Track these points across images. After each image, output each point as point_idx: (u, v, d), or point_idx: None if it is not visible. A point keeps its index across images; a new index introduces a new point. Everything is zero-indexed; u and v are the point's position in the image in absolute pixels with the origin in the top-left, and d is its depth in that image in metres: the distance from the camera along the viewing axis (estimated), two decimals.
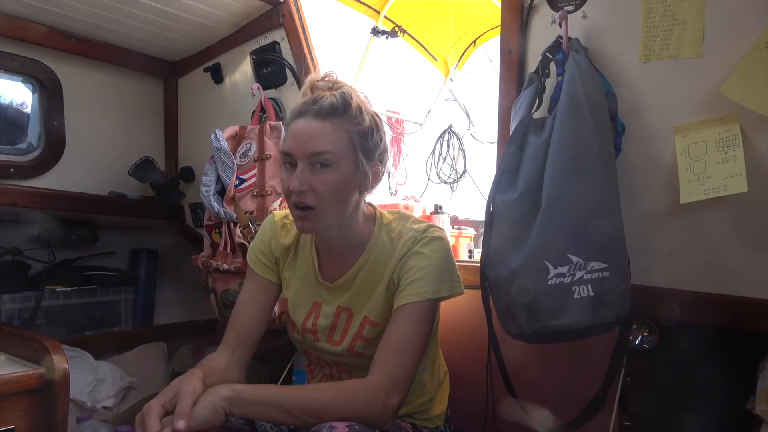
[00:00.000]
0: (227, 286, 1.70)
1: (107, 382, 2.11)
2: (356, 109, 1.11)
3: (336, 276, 1.21)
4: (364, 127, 1.11)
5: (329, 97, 1.09)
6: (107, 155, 2.21)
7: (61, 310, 2.26)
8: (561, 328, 1.09)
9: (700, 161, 1.13)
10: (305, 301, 1.24)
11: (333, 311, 1.21)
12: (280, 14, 1.80)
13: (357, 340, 1.19)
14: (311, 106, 1.09)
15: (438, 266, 1.13)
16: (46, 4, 1.77)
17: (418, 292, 1.10)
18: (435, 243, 1.15)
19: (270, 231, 1.27)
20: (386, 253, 1.17)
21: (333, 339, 1.21)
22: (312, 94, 1.13)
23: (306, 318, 1.23)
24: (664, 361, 1.36)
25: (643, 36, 1.19)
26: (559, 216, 1.10)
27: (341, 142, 1.08)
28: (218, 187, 1.75)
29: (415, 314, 1.10)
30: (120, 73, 2.19)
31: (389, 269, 1.16)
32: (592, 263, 1.08)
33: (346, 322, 1.20)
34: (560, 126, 1.15)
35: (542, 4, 1.32)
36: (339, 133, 1.08)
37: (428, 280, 1.11)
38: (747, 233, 1.13)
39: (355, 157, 1.10)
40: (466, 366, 1.43)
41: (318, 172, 1.07)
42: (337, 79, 1.15)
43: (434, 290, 1.11)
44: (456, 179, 4.27)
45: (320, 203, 1.08)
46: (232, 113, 2.06)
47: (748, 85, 1.05)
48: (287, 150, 1.09)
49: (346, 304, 1.20)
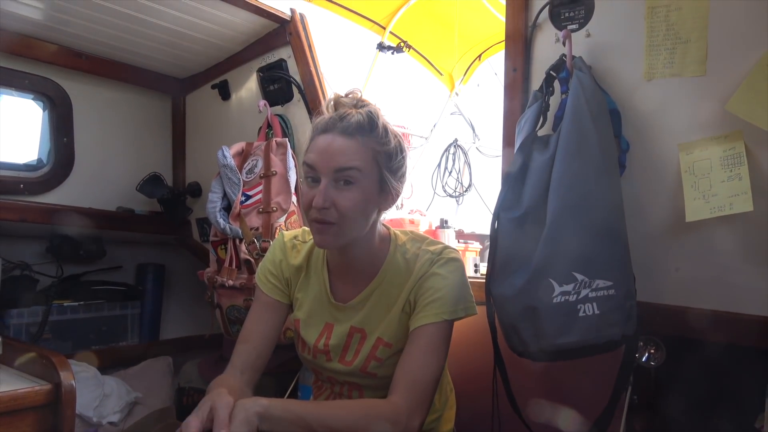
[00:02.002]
0: (232, 301, 1.70)
1: (113, 398, 2.11)
2: (382, 128, 1.10)
3: (349, 296, 1.21)
4: (390, 147, 1.11)
5: (356, 114, 1.08)
6: (115, 171, 2.23)
7: (68, 325, 2.27)
8: (566, 346, 1.08)
9: (705, 179, 1.13)
10: (317, 321, 1.23)
11: (346, 332, 1.20)
12: (287, 32, 1.83)
13: (370, 361, 1.18)
14: (338, 123, 1.08)
15: (455, 287, 1.13)
16: (57, 24, 1.80)
17: (436, 313, 1.11)
18: (452, 264, 1.15)
19: (280, 252, 1.27)
20: (401, 275, 1.17)
21: (345, 359, 1.21)
22: (336, 110, 1.12)
23: (318, 339, 1.22)
24: (671, 379, 1.35)
25: (646, 54, 1.20)
26: (564, 234, 1.10)
27: (367, 160, 1.08)
28: (224, 204, 1.77)
29: (434, 335, 1.10)
30: (129, 90, 2.22)
31: (405, 291, 1.16)
32: (597, 281, 1.08)
33: (359, 343, 1.20)
34: (564, 144, 1.15)
35: (546, 23, 1.34)
36: (365, 151, 1.08)
37: (446, 300, 1.12)
38: (753, 250, 1.13)
39: (378, 175, 1.10)
40: (471, 383, 1.42)
41: (341, 189, 1.07)
42: (361, 97, 1.15)
43: (451, 311, 1.12)
44: (461, 192, 4.28)
45: (342, 220, 1.07)
46: (238, 129, 2.08)
47: (753, 102, 1.06)
48: (311, 163, 1.08)
49: (359, 325, 1.19)
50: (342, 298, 1.22)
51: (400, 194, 1.17)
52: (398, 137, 1.15)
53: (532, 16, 1.35)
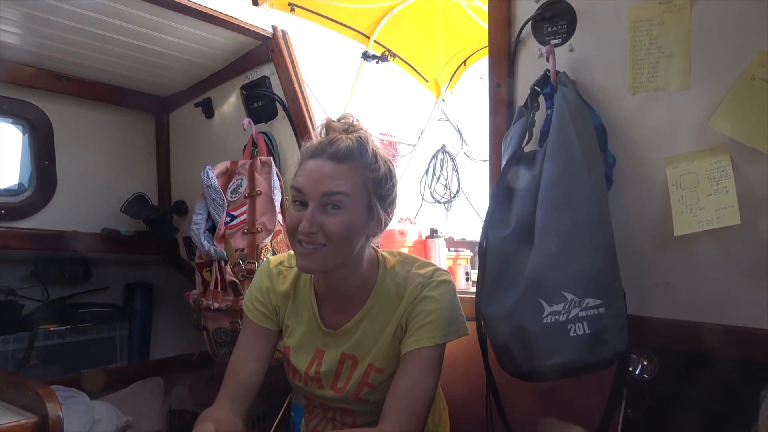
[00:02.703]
0: (219, 324, 1.68)
1: (103, 423, 2.08)
2: (372, 154, 1.10)
3: (339, 323, 1.19)
4: (379, 173, 1.11)
5: (346, 140, 1.08)
6: (99, 192, 2.20)
7: (56, 350, 2.23)
8: (558, 366, 1.08)
9: (692, 192, 1.13)
10: (308, 349, 1.22)
11: (337, 358, 1.19)
12: (269, 49, 1.81)
13: (362, 387, 1.17)
14: (327, 147, 1.08)
15: (447, 310, 1.13)
16: (35, 48, 1.78)
17: (428, 337, 1.11)
18: (443, 287, 1.15)
19: (267, 280, 1.25)
20: (392, 299, 1.16)
21: (337, 386, 1.19)
22: (327, 134, 1.12)
23: (309, 366, 1.21)
24: (665, 392, 1.34)
25: (630, 68, 1.20)
26: (552, 252, 1.10)
27: (355, 186, 1.07)
28: (209, 225, 1.75)
29: (426, 359, 1.10)
30: (111, 110, 2.19)
31: (396, 316, 1.15)
32: (587, 300, 1.07)
33: (350, 369, 1.18)
34: (550, 161, 1.15)
35: (529, 38, 1.33)
36: (354, 176, 1.07)
37: (438, 324, 1.11)
38: (742, 262, 1.12)
39: (367, 202, 1.10)
40: (464, 401, 1.41)
41: (329, 213, 1.06)
42: (353, 122, 1.14)
43: (443, 335, 1.12)
44: (450, 199, 4.26)
45: (328, 244, 1.06)
46: (223, 147, 2.06)
47: (737, 118, 1.06)
48: (299, 187, 1.08)
49: (350, 351, 1.18)
50: (332, 325, 1.20)
51: (388, 222, 1.16)
52: (388, 164, 1.14)
53: (515, 31, 1.34)
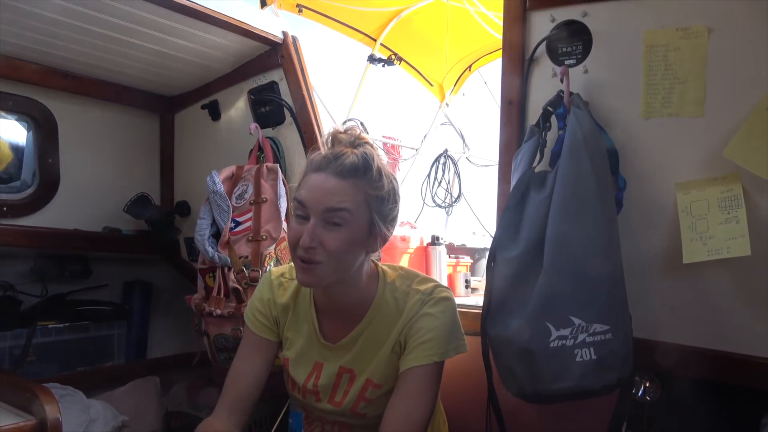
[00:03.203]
0: (220, 330, 1.67)
1: (99, 422, 2.07)
2: (377, 172, 1.09)
3: (338, 336, 1.19)
4: (383, 192, 1.10)
5: (351, 156, 1.07)
6: (102, 190, 2.19)
7: (53, 347, 2.22)
8: (562, 391, 1.08)
9: (702, 220, 1.13)
10: (307, 361, 1.22)
11: (335, 372, 1.19)
12: (278, 55, 1.80)
13: (360, 402, 1.17)
14: (332, 162, 1.07)
15: (446, 327, 1.13)
16: (42, 46, 1.76)
17: (426, 355, 1.10)
18: (443, 304, 1.14)
19: (268, 291, 1.25)
20: (391, 315, 1.16)
21: (334, 399, 1.19)
22: (332, 146, 1.11)
23: (307, 379, 1.21)
24: (666, 415, 1.35)
25: (644, 93, 1.20)
26: (562, 277, 1.09)
27: (358, 203, 1.06)
28: (213, 230, 1.74)
29: (424, 378, 1.10)
30: (115, 109, 2.17)
31: (395, 332, 1.15)
32: (594, 325, 1.07)
33: (348, 383, 1.18)
34: (561, 184, 1.14)
35: (543, 57, 1.32)
36: (357, 193, 1.07)
37: (437, 342, 1.11)
38: (748, 291, 1.13)
39: (369, 219, 1.09)
40: (465, 417, 1.41)
41: (330, 229, 1.05)
42: (360, 134, 1.13)
43: (442, 352, 1.12)
44: (451, 203, 4.26)
45: (327, 260, 1.05)
46: (228, 151, 2.05)
47: (751, 149, 1.05)
48: (302, 200, 1.07)
49: (348, 365, 1.18)
50: (331, 338, 1.20)
51: (388, 238, 1.15)
52: (393, 181, 1.13)
53: (529, 49, 1.33)
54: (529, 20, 1.33)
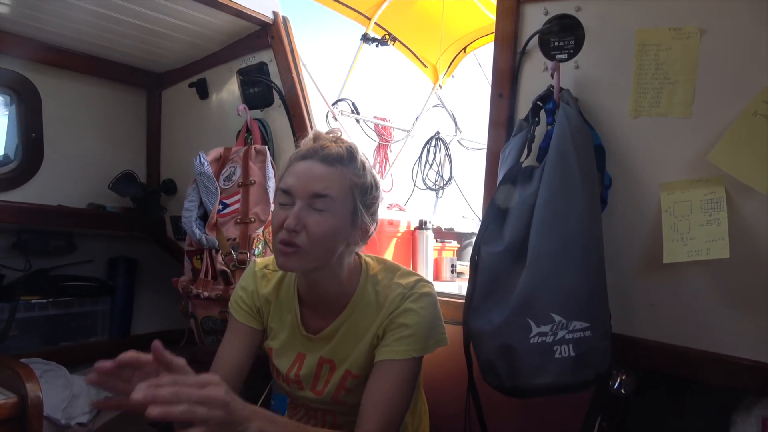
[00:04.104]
0: (208, 313, 1.67)
1: (82, 398, 2.07)
2: (360, 163, 1.12)
3: (319, 327, 1.20)
4: (366, 181, 1.12)
5: (336, 147, 1.10)
6: (87, 166, 2.16)
7: (36, 322, 2.21)
8: (541, 386, 1.09)
9: (684, 221, 1.14)
10: (290, 351, 1.24)
11: (315, 362, 1.20)
12: (268, 36, 1.77)
13: (340, 391, 1.19)
14: (319, 151, 1.09)
15: (426, 324, 1.14)
16: (26, 19, 1.71)
17: (404, 350, 1.11)
18: (424, 299, 1.15)
19: (252, 282, 1.26)
20: (371, 308, 1.17)
21: (316, 388, 1.21)
22: (315, 143, 1.13)
23: (290, 368, 1.23)
24: (641, 409, 1.38)
25: (634, 92, 1.19)
26: (544, 274, 1.10)
27: (343, 190, 1.08)
28: (201, 212, 1.72)
29: (401, 372, 1.11)
30: (102, 84, 2.13)
31: (375, 325, 1.15)
32: (574, 323, 1.08)
33: (329, 373, 1.20)
34: (547, 181, 1.14)
35: (535, 50, 1.31)
36: (343, 180, 1.08)
37: (416, 338, 1.12)
38: (725, 292, 1.14)
39: (353, 207, 1.10)
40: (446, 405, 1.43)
41: (314, 214, 1.06)
42: (341, 136, 1.16)
43: (421, 348, 1.13)
44: (441, 186, 4.26)
45: (309, 245, 1.06)
46: (216, 130, 2.03)
47: (735, 154, 1.06)
48: (287, 188, 1.08)
49: (328, 356, 1.20)
50: (312, 329, 1.21)
51: (369, 232, 1.16)
52: (374, 175, 1.16)
53: (522, 42, 1.32)
54: (522, 12, 1.31)
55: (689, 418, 1.33)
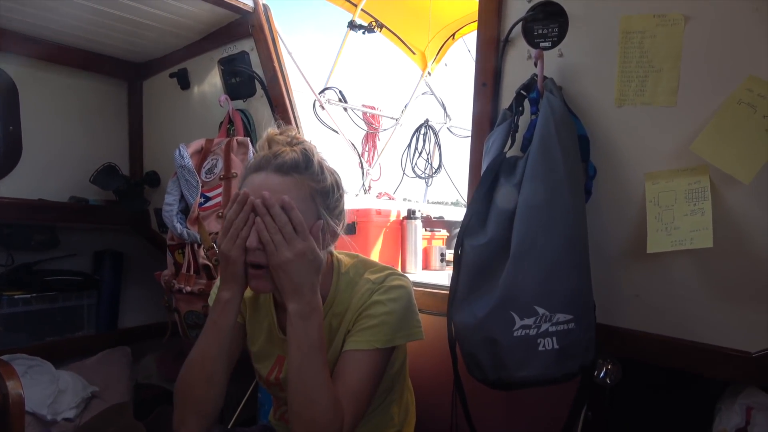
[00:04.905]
0: (191, 307, 1.66)
1: (68, 393, 2.06)
2: (318, 166, 1.07)
3: None
4: (326, 185, 1.08)
5: (290, 152, 1.05)
6: (68, 160, 2.12)
7: (21, 317, 2.19)
8: (525, 379, 1.09)
9: (668, 211, 1.13)
10: (269, 355, 1.23)
11: None
12: (249, 24, 1.73)
13: None
14: (272, 160, 1.04)
15: (395, 315, 1.11)
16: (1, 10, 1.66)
17: (368, 340, 1.09)
18: (394, 291, 1.13)
19: None
20: (344, 305, 1.16)
21: None
22: (270, 147, 1.08)
23: (270, 372, 1.22)
24: (626, 398, 1.38)
25: (618, 80, 1.17)
26: (528, 266, 1.09)
27: (302, 199, 1.03)
28: (182, 206, 1.70)
29: (364, 362, 1.08)
30: (81, 75, 2.09)
31: (345, 322, 1.14)
32: (557, 315, 1.07)
33: None
34: (531, 172, 1.13)
35: (519, 38, 1.29)
36: (301, 189, 1.04)
37: (382, 329, 1.10)
38: (709, 282, 1.14)
39: (316, 214, 1.06)
40: (432, 395, 1.43)
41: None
42: (296, 135, 1.11)
43: (387, 339, 1.10)
44: (431, 174, 4.24)
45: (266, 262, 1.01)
46: (198, 121, 1.99)
47: (719, 143, 1.04)
48: None
49: None
50: None
51: (337, 232, 1.13)
52: (334, 175, 1.12)
53: (505, 30, 1.29)
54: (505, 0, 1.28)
55: (674, 407, 1.34)
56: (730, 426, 1.14)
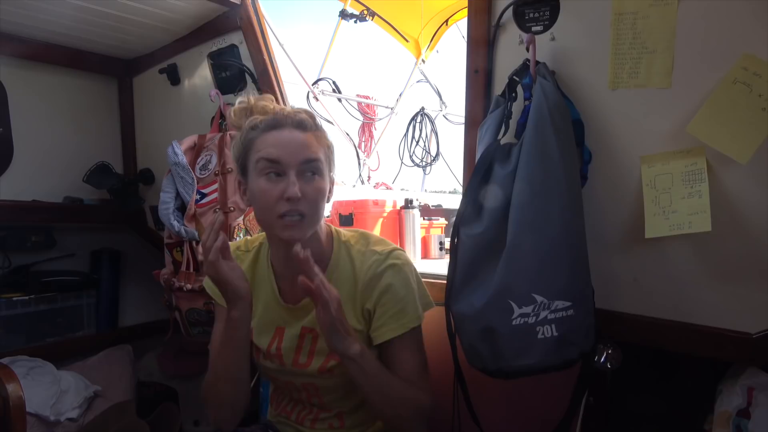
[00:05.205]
0: (192, 305, 1.65)
1: (71, 393, 2.06)
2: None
3: (298, 297, 1.20)
4: (330, 142, 1.18)
5: (301, 113, 1.14)
6: (61, 160, 2.10)
7: (20, 319, 2.18)
8: (525, 368, 1.08)
9: (665, 194, 1.11)
10: (268, 327, 1.23)
11: (297, 333, 1.20)
12: (237, 17, 1.71)
13: (329, 360, 1.18)
14: (290, 118, 1.12)
15: (412, 295, 1.17)
16: None
17: (403, 324, 1.15)
18: (403, 270, 1.17)
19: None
20: (348, 274, 1.18)
21: (299, 362, 1.20)
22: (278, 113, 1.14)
23: (270, 343, 1.22)
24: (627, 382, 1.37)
25: (611, 63, 1.15)
26: (525, 255, 1.08)
27: (323, 152, 1.13)
28: (178, 203, 1.68)
29: (408, 342, 1.16)
30: (70, 74, 2.06)
31: (358, 292, 1.17)
32: (556, 302, 1.06)
33: (312, 343, 1.19)
34: (526, 159, 1.11)
35: (510, 23, 1.27)
36: (320, 143, 1.13)
37: (407, 310, 1.16)
38: (708, 264, 1.13)
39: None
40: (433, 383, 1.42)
41: (309, 180, 1.09)
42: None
43: (416, 318, 1.18)
44: (429, 162, 4.23)
45: (310, 210, 1.09)
46: (191, 116, 1.97)
47: (715, 124, 1.03)
48: (274, 157, 1.07)
49: (310, 325, 1.19)
50: (291, 300, 1.21)
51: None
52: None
53: (496, 14, 1.27)
54: None
55: (675, 390, 1.34)
56: (732, 407, 1.14)
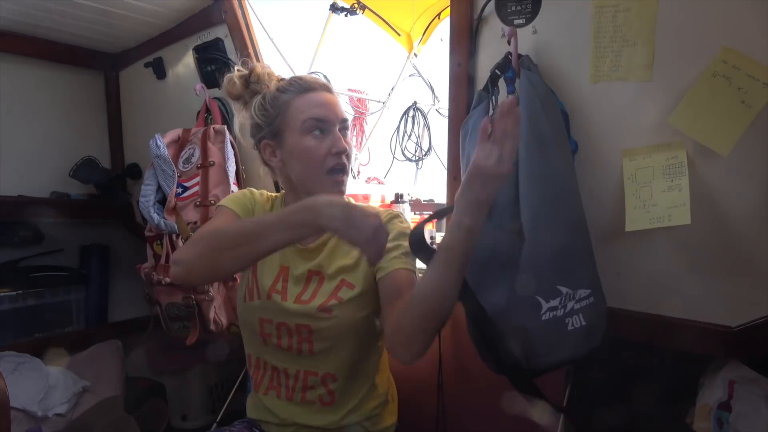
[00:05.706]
0: (171, 299, 1.64)
1: (59, 389, 2.05)
2: None
3: (307, 242, 1.22)
4: None
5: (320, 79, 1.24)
6: (47, 155, 2.09)
7: (8, 315, 2.17)
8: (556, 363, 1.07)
9: (646, 188, 1.12)
10: (273, 265, 1.22)
11: (303, 275, 1.20)
12: (222, 10, 1.69)
13: (331, 299, 1.17)
14: (318, 82, 1.22)
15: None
16: None
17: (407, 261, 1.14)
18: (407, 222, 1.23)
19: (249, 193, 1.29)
20: None
21: (301, 299, 1.18)
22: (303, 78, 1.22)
23: (274, 282, 1.21)
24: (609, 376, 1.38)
25: (593, 55, 1.15)
26: (544, 247, 1.07)
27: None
28: (159, 196, 1.67)
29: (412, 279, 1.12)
30: (55, 68, 2.05)
31: None
32: (579, 291, 1.05)
33: (318, 285, 1.20)
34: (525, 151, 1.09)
35: (492, 16, 1.26)
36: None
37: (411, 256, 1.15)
38: (689, 258, 1.13)
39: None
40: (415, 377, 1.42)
41: (345, 137, 1.19)
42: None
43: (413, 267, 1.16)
44: (421, 157, 4.22)
45: (349, 163, 1.20)
46: (176, 111, 1.96)
47: (695, 116, 1.03)
48: (320, 116, 1.17)
49: (317, 268, 1.20)
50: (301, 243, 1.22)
51: None
52: None
53: (478, 7, 1.27)
54: None
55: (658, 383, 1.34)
56: (713, 400, 1.14)
